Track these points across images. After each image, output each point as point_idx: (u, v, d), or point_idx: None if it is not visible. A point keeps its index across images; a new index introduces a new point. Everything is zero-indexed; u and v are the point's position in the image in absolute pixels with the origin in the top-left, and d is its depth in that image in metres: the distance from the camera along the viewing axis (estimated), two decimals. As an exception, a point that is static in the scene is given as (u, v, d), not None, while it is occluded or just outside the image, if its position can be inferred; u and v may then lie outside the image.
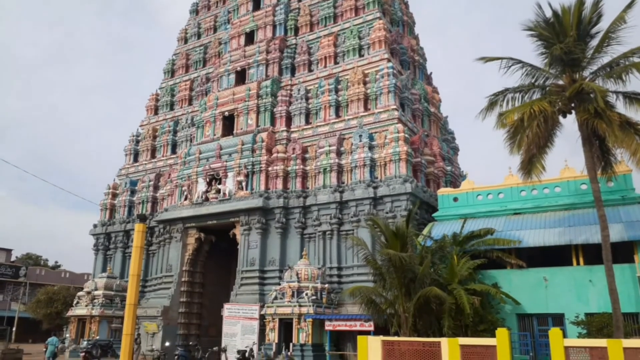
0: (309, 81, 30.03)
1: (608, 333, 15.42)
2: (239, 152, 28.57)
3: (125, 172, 36.27)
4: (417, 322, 17.59)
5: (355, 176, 25.82)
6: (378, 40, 28.58)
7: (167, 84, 37.64)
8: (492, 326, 16.57)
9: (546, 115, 16.58)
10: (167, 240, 30.19)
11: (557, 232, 18.88)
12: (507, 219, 20.93)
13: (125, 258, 32.85)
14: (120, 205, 34.65)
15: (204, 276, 29.82)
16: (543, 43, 17.40)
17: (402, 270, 17.42)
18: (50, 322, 39.74)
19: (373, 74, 27.88)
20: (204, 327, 29.09)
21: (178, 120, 35.33)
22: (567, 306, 17.79)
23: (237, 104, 30.47)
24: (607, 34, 16.68)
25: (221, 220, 28.11)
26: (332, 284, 24.32)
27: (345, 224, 25.33)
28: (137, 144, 36.91)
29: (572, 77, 17.20)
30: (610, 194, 19.35)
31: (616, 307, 15.19)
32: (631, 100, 16.62)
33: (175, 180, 30.72)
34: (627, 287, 16.77)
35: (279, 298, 23.21)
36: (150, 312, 27.86)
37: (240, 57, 32.41)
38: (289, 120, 29.60)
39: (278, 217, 26.60)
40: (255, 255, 26.54)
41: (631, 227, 17.60)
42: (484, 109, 18.05)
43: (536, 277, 18.64)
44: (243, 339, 24.46)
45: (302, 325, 22.08)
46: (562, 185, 20.90)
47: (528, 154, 17.18)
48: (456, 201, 23.08)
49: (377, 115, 26.59)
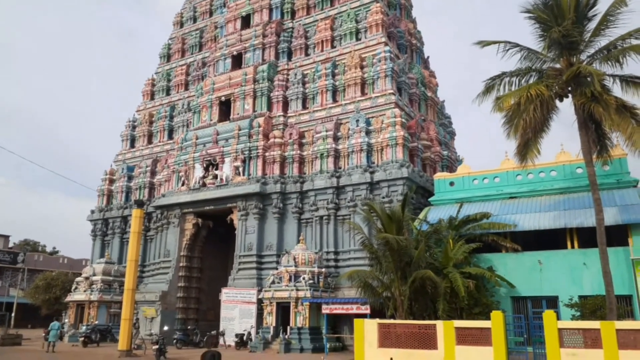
0: (305, 65, 29.85)
1: (601, 315, 15.59)
2: (236, 138, 28.50)
3: (122, 158, 36.18)
4: (413, 305, 17.76)
5: (352, 161, 25.81)
6: (375, 23, 28.36)
7: (163, 68, 37.37)
8: (487, 309, 16.74)
9: (543, 99, 16.54)
10: (164, 226, 30.25)
11: (552, 215, 18.98)
12: (503, 203, 21.02)
13: (123, 244, 32.93)
14: (118, 191, 34.65)
15: (202, 261, 29.95)
16: (541, 26, 17.28)
17: (398, 254, 17.54)
18: (48, 308, 39.97)
19: (370, 58, 27.71)
20: (202, 312, 29.29)
21: (174, 105, 35.15)
22: (561, 289, 17.97)
23: (233, 89, 30.31)
24: (605, 16, 16.56)
25: (218, 205, 28.15)
26: (329, 268, 24.47)
27: (342, 209, 25.39)
28: (133, 129, 36.77)
29: (570, 61, 17.13)
30: (606, 177, 19.42)
31: (609, 290, 15.34)
32: (628, 84, 16.57)
33: (172, 165, 30.67)
34: (620, 269, 16.93)
35: (277, 282, 23.36)
36: (148, 297, 28.02)
37: (237, 41, 32.15)
38: (286, 105, 29.48)
39: (275, 202, 26.64)
40: (252, 240, 26.64)
41: (625, 210, 17.70)
42: (481, 93, 18.00)
43: (531, 261, 18.79)
44: (241, 323, 24.66)
45: (299, 309, 22.26)
46: (557, 169, 20.96)
47: (524, 138, 17.18)
48: (452, 185, 23.14)
49: (374, 100, 26.50)
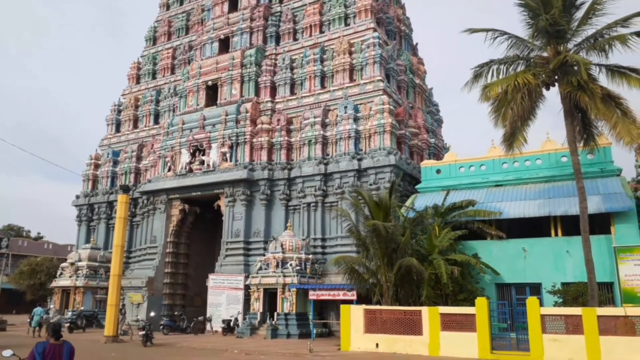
0: (293, 50, 29.57)
1: (583, 302, 15.89)
2: (223, 123, 28.26)
3: (107, 143, 35.74)
4: (399, 292, 17.95)
5: (340, 148, 25.77)
6: (364, 9, 28.12)
7: (149, 52, 36.78)
8: (471, 295, 16.96)
9: (530, 87, 16.62)
10: (151, 212, 30.05)
11: (537, 203, 19.18)
12: (489, 191, 21.19)
13: (109, 229, 32.68)
14: (103, 176, 34.30)
15: (189, 247, 29.87)
16: (530, 13, 17.29)
17: (385, 241, 17.65)
18: (33, 294, 39.71)
19: (359, 44, 27.52)
20: (189, 297, 29.30)
21: (160, 89, 34.69)
22: (545, 276, 18.25)
23: (220, 73, 29.96)
24: (592, 5, 16.62)
25: (205, 191, 28.00)
26: (316, 254, 24.56)
27: (330, 196, 25.41)
28: (119, 113, 36.28)
29: (557, 49, 17.19)
30: (590, 166, 19.63)
31: (591, 277, 15.61)
32: (614, 73, 16.68)
33: (159, 151, 30.37)
34: (602, 257, 17.21)
35: (264, 268, 23.40)
36: (135, 282, 27.93)
37: (224, 25, 31.70)
38: (274, 91, 29.25)
39: (263, 188, 26.56)
40: (240, 226, 26.58)
41: (608, 199, 17.94)
42: (469, 81, 18.00)
43: (515, 248, 19.03)
44: (228, 309, 24.73)
45: (286, 295, 22.36)
46: (543, 157, 21.13)
47: (511, 126, 17.27)
48: (439, 173, 23.25)
49: (362, 86, 26.39)
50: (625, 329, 13.58)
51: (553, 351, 13.97)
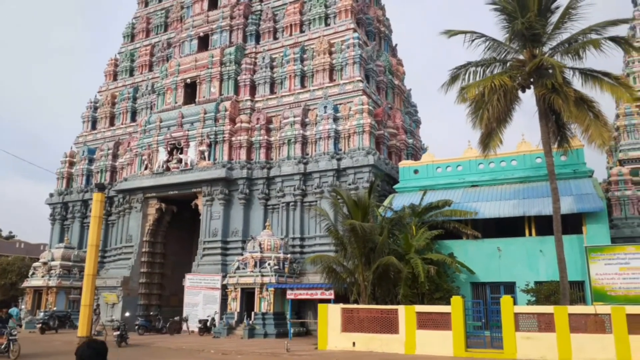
0: (274, 49, 29.48)
1: (555, 300, 16.20)
2: (202, 121, 28.00)
3: (82, 140, 35.09)
4: (376, 291, 18.03)
5: (320, 148, 25.79)
6: (344, 9, 28.21)
7: (126, 48, 36.24)
8: (447, 294, 17.14)
9: (506, 89, 16.90)
10: (126, 211, 29.61)
11: (512, 204, 19.51)
12: (465, 191, 21.47)
13: (84, 228, 32.08)
14: (78, 174, 33.66)
15: (165, 246, 29.50)
16: (506, 17, 17.59)
17: (362, 240, 17.72)
18: (4, 294, 38.76)
19: (339, 44, 27.59)
20: (165, 297, 28.94)
21: (138, 86, 34.20)
22: (519, 275, 18.57)
23: (199, 71, 29.69)
24: (567, 10, 16.99)
25: (183, 190, 27.70)
26: (295, 254, 24.52)
27: (309, 195, 25.41)
28: (95, 110, 35.64)
29: (532, 53, 17.52)
30: (563, 167, 20.06)
31: (563, 276, 15.95)
32: (587, 77, 17.08)
33: (135, 149, 29.94)
34: (574, 256, 17.59)
35: (242, 268, 23.25)
36: (109, 282, 27.48)
37: (203, 22, 31.43)
38: (253, 89, 29.12)
39: (241, 188, 26.41)
40: (217, 226, 26.39)
41: (580, 199, 18.36)
42: (446, 82, 18.23)
43: (490, 247, 19.33)
44: (205, 309, 24.51)
45: (264, 294, 22.26)
46: (518, 158, 21.52)
47: (488, 128, 17.52)
48: (416, 173, 23.47)
49: (342, 87, 26.47)
50: (595, 326, 13.90)
51: (526, 349, 14.21)
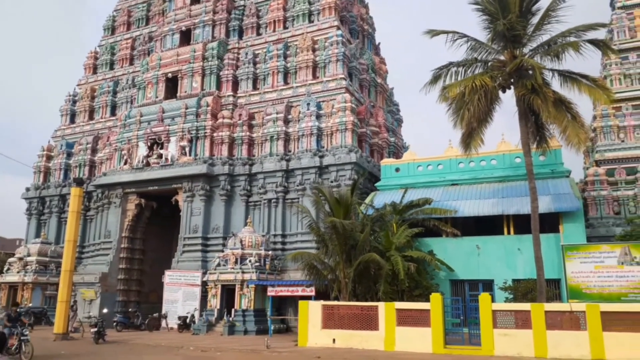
0: (257, 45, 29.32)
1: (532, 298, 16.48)
2: (183, 116, 27.73)
3: (61, 134, 34.47)
4: (357, 287, 18.12)
5: (302, 145, 25.77)
6: (328, 6, 28.18)
7: (107, 41, 35.67)
8: (426, 291, 17.29)
9: (487, 89, 17.09)
10: (105, 206, 29.20)
11: (491, 202, 19.77)
12: (445, 190, 21.68)
13: (61, 223, 31.55)
14: (56, 168, 33.08)
15: (145, 242, 29.18)
16: (488, 18, 17.75)
17: (344, 238, 17.80)
18: (-22, 289, 37.80)
19: (322, 41, 27.57)
20: (144, 294, 28.64)
21: (118, 80, 33.72)
22: (497, 273, 18.84)
23: (181, 66, 29.38)
24: (547, 12, 17.23)
25: (163, 186, 27.41)
26: (276, 251, 24.49)
27: (291, 192, 25.38)
28: (74, 104, 35.03)
29: (513, 53, 17.73)
30: (542, 167, 20.38)
31: (540, 274, 16.23)
32: (565, 79, 17.37)
33: (115, 143, 29.53)
34: (551, 255, 17.90)
35: (222, 265, 23.16)
36: (87, 278, 27.09)
37: (186, 17, 31.09)
38: (236, 85, 28.93)
39: (223, 184, 26.25)
40: (198, 222, 26.19)
41: (558, 199, 18.69)
42: (428, 82, 18.35)
43: (470, 245, 19.57)
44: (184, 305, 24.34)
45: (244, 291, 22.20)
46: (497, 158, 21.81)
47: (468, 127, 17.68)
48: (398, 171, 23.62)
49: (325, 84, 26.47)
50: (570, 323, 14.18)
51: (503, 345, 14.43)
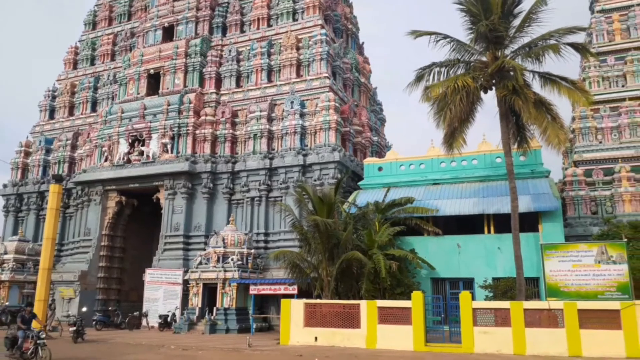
0: (240, 42, 29.18)
1: (512, 296, 16.72)
2: (165, 113, 27.45)
3: (39, 130, 33.86)
4: (339, 286, 18.18)
5: (286, 143, 25.73)
6: (312, 5, 28.16)
7: (87, 36, 35.13)
8: (408, 289, 17.43)
9: (469, 90, 17.28)
10: (85, 203, 28.77)
11: (472, 202, 20.00)
12: (427, 189, 21.87)
13: (39, 221, 31.00)
14: (34, 164, 32.47)
15: (125, 240, 28.83)
16: (471, 19, 17.92)
17: (326, 236, 17.83)
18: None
19: (306, 40, 27.56)
20: (124, 292, 28.32)
21: (99, 76, 33.25)
22: (477, 271, 19.09)
23: (163, 62, 29.07)
24: (528, 14, 17.48)
25: (144, 183, 27.11)
26: (259, 249, 24.42)
27: (274, 191, 25.32)
28: (53, 99, 34.43)
29: (495, 55, 17.95)
30: (522, 167, 20.69)
31: (520, 273, 16.48)
32: (546, 81, 17.65)
33: (95, 140, 29.11)
34: (530, 254, 18.19)
35: (204, 263, 23.01)
36: (66, 277, 26.66)
37: (169, 13, 30.78)
38: (219, 82, 28.75)
39: (205, 182, 26.07)
40: (180, 220, 25.97)
41: (537, 199, 19.00)
42: (411, 82, 18.49)
43: (450, 244, 19.78)
44: (165, 304, 24.13)
45: (226, 289, 22.10)
46: (478, 158, 22.07)
47: (451, 127, 17.88)
48: (381, 171, 23.75)
49: (309, 82, 26.46)
50: (548, 321, 14.45)
51: (483, 343, 14.63)
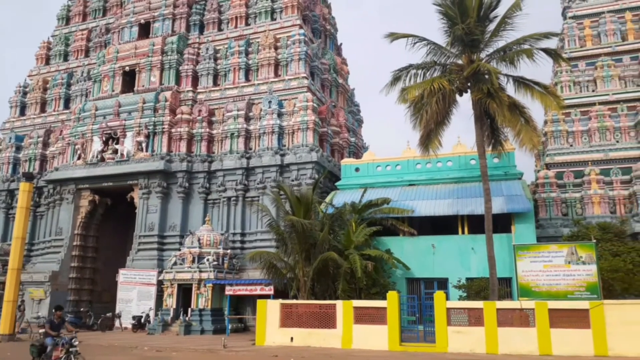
0: (218, 41, 28.95)
1: (485, 296, 17.00)
2: (140, 111, 27.05)
3: (10, 126, 32.99)
4: (316, 286, 18.19)
5: (263, 143, 25.62)
6: (291, 4, 28.12)
7: (61, 31, 34.37)
8: (383, 289, 17.56)
9: (445, 92, 17.48)
10: (57, 202, 28.15)
11: (447, 203, 20.27)
12: (403, 190, 22.08)
13: (9, 220, 30.20)
14: (4, 162, 31.64)
15: (98, 240, 28.28)
16: (448, 22, 18.14)
17: (303, 236, 17.83)
18: None
19: (284, 40, 27.50)
20: (96, 293, 27.77)
21: (72, 72, 32.58)
22: (452, 271, 19.34)
23: (139, 59, 28.64)
24: (503, 19, 17.78)
25: (118, 182, 26.66)
26: (235, 249, 24.26)
27: (251, 190, 25.20)
28: (24, 95, 33.60)
29: (471, 58, 18.20)
30: (495, 169, 21.06)
31: (493, 273, 16.76)
32: (520, 85, 17.99)
33: (68, 137, 28.51)
34: (503, 254, 18.50)
35: (179, 264, 22.75)
36: (36, 277, 26.03)
37: (145, 9, 30.33)
38: (196, 81, 28.47)
39: (181, 181, 25.78)
40: (154, 220, 25.62)
41: (510, 200, 19.35)
42: (388, 83, 18.62)
43: (425, 244, 20.00)
44: (139, 305, 23.78)
45: (201, 290, 21.89)
46: (453, 159, 22.38)
47: (427, 129, 18.06)
48: (358, 171, 23.87)
49: (287, 82, 26.41)
50: (520, 320, 14.73)
51: (457, 342, 14.82)
